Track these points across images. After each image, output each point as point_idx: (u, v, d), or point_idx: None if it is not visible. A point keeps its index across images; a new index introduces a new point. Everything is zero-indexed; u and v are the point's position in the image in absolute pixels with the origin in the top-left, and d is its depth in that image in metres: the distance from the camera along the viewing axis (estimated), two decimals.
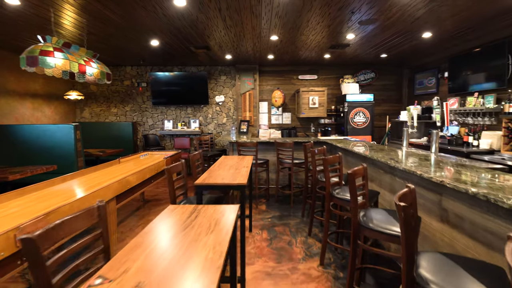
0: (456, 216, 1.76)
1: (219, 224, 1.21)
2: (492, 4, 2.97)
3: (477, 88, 4.46)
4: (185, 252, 0.98)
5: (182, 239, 1.09)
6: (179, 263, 0.89)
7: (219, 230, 1.14)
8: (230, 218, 1.28)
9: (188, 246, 1.02)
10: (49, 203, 2.12)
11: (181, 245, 1.03)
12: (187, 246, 1.02)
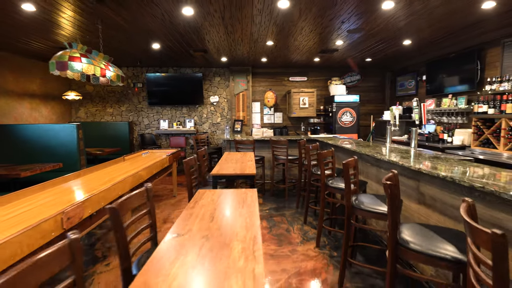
0: (431, 198, 2.14)
1: (246, 201, 1.51)
2: (462, 18, 3.41)
3: (451, 90, 4.96)
4: (229, 217, 1.27)
5: (222, 210, 1.37)
6: (228, 223, 1.18)
7: (248, 205, 1.44)
8: (253, 197, 1.59)
9: (230, 214, 1.31)
10: (75, 195, 2.35)
11: (223, 214, 1.32)
12: (229, 214, 1.31)
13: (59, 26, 3.64)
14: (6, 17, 3.23)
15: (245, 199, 1.55)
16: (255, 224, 1.20)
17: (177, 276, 0.82)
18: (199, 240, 1.02)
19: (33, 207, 2.02)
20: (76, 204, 1.93)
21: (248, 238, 1.06)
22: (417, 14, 3.29)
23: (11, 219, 1.79)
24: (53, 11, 3.07)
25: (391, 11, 3.19)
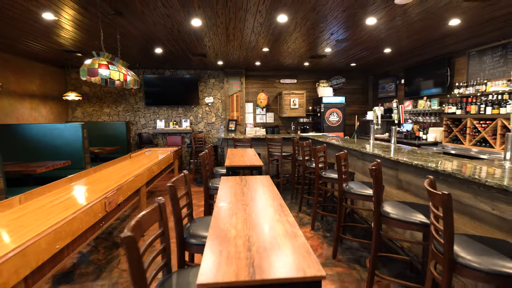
0: (407, 183, 2.62)
1: (263, 182, 1.90)
2: (434, 31, 3.96)
3: (426, 93, 5.56)
4: (256, 193, 1.65)
5: (248, 189, 1.75)
6: (256, 196, 1.56)
7: (267, 185, 1.82)
8: (268, 180, 1.98)
9: (256, 191, 1.69)
10: (106, 184, 2.65)
11: (250, 191, 1.70)
12: (255, 191, 1.69)
13: (68, 31, 3.88)
14: (25, 24, 3.45)
15: (262, 181, 1.94)
16: (278, 196, 1.59)
17: (237, 224, 1.20)
18: (241, 206, 1.40)
19: (71, 196, 2.32)
20: (113, 191, 2.25)
21: (276, 204, 1.45)
22: (396, 28, 3.80)
23: (60, 204, 2.10)
24: (72, 20, 3.33)
25: (374, 25, 3.68)
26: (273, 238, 1.06)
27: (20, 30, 3.73)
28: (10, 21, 3.35)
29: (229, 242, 1.03)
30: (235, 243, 1.02)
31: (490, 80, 4.16)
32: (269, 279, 0.81)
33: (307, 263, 0.88)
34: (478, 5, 2.98)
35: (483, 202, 1.79)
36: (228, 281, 0.80)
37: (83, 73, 2.62)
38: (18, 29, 3.67)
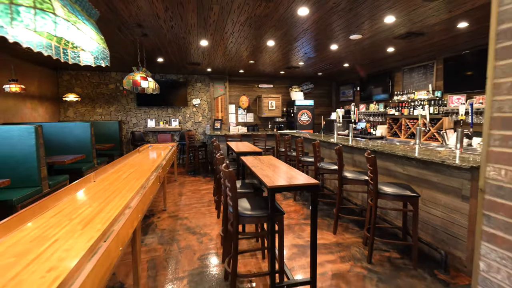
0: (359, 162, 3.89)
1: (272, 158, 2.98)
2: (380, 53, 5.35)
3: (376, 98, 7.08)
4: (271, 161, 2.71)
5: (264, 161, 2.81)
6: (269, 163, 2.63)
7: (275, 159, 2.91)
8: (274, 157, 3.07)
9: (270, 161, 2.76)
10: (147, 167, 3.51)
11: (267, 161, 2.76)
12: (270, 161, 2.75)
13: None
14: None
15: (270, 157, 3.02)
16: (284, 164, 2.67)
17: (264, 170, 2.26)
18: (265, 166, 2.46)
19: (131, 173, 3.18)
20: (158, 169, 3.18)
21: (285, 165, 2.54)
22: (352, 51, 5.13)
23: (128, 176, 2.97)
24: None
25: (336, 49, 4.97)
26: (293, 175, 2.14)
27: None
28: None
29: (273, 174, 2.09)
30: (275, 173, 2.08)
31: (417, 90, 5.71)
32: (298, 184, 1.91)
33: (309, 180, 1.99)
34: (403, 41, 4.38)
35: (399, 167, 3.07)
36: (282, 185, 1.88)
37: (128, 84, 3.47)
38: None
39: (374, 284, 2.20)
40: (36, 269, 1.12)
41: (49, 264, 1.16)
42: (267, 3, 2.88)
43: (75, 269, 1.13)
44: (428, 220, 2.65)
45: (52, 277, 1.06)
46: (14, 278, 1.06)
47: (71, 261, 1.18)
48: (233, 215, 1.95)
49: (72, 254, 1.25)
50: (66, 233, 1.49)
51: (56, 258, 1.21)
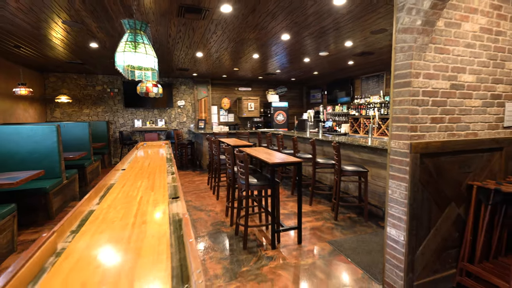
0: (328, 152, 4.95)
1: (267, 150, 3.88)
2: (342, 64, 6.50)
3: (341, 101, 8.30)
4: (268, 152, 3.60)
5: (263, 152, 3.68)
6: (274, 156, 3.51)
7: (270, 151, 3.81)
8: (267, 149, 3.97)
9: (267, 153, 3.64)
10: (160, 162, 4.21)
11: (264, 152, 3.64)
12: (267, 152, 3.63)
13: (70, 47, 5.15)
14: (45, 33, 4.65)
15: (262, 148, 3.92)
16: (274, 152, 3.58)
17: (263, 155, 3.15)
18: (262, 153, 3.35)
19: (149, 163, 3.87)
20: (173, 160, 3.92)
21: (276, 153, 3.46)
22: (321, 63, 6.22)
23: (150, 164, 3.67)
24: (113, 48, 4.70)
25: (308, 61, 6.02)
26: (284, 157, 3.04)
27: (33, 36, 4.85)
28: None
29: (270, 157, 2.98)
30: (271, 156, 2.98)
31: (372, 95, 6.98)
32: (289, 161, 2.83)
33: (296, 160, 2.91)
34: (359, 57, 5.54)
35: (355, 153, 4.15)
36: (279, 162, 2.78)
37: (142, 89, 4.15)
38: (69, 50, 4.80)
39: (339, 231, 3.21)
40: (146, 205, 1.91)
41: (153, 202, 1.95)
42: (260, 31, 3.78)
43: (168, 203, 1.94)
44: (375, 189, 3.73)
45: (162, 207, 1.86)
46: (139, 208, 1.85)
47: (164, 201, 1.98)
48: (245, 184, 2.83)
49: (160, 198, 2.04)
50: (144, 193, 2.25)
51: (152, 200, 2.00)
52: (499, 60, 2.13)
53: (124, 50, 1.78)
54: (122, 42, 1.85)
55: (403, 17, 1.83)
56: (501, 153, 2.22)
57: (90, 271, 1.10)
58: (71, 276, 1.07)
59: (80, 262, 1.18)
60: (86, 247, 1.32)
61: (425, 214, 1.98)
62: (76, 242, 1.39)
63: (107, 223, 1.64)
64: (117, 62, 1.89)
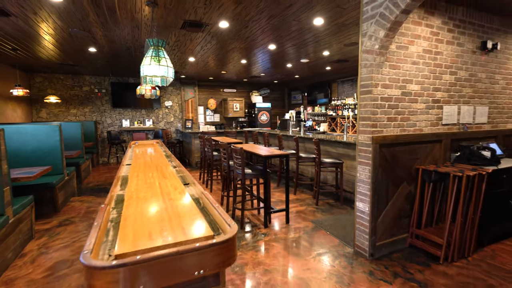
0: (309, 148, 5.57)
1: (258, 146, 4.39)
2: (321, 69, 7.17)
3: (320, 102, 9.01)
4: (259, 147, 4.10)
5: (254, 147, 4.19)
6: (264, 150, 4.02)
7: (260, 146, 4.32)
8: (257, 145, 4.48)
9: (257, 148, 4.14)
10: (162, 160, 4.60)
11: (255, 148, 4.13)
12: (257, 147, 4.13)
13: (66, 51, 5.41)
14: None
15: (252, 144, 4.43)
16: (264, 147, 4.10)
17: (255, 149, 3.65)
18: (254, 148, 3.84)
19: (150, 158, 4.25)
20: (172, 156, 4.33)
21: (265, 147, 3.98)
22: (302, 68, 6.84)
23: (152, 160, 4.06)
24: (112, 52, 5.00)
25: (290, 66, 6.61)
26: (274, 150, 3.57)
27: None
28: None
29: (261, 151, 3.50)
30: (262, 150, 3.50)
31: (347, 97, 7.72)
32: (278, 154, 3.37)
33: (284, 152, 3.46)
34: (336, 64, 6.22)
35: (332, 148, 4.78)
36: (270, 154, 3.31)
37: (141, 92, 4.51)
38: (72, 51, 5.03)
39: (320, 213, 3.80)
40: (167, 188, 2.37)
41: (171, 186, 2.41)
42: (250, 41, 4.30)
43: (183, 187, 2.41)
44: (349, 179, 4.38)
45: (180, 189, 2.33)
46: (162, 190, 2.30)
47: (179, 185, 2.44)
48: (242, 174, 3.34)
49: (175, 184, 2.50)
50: (160, 181, 2.69)
51: (170, 184, 2.46)
52: (437, 73, 2.80)
53: (150, 63, 2.22)
54: (148, 57, 2.28)
55: (366, 41, 2.43)
56: (441, 144, 2.90)
57: (149, 225, 1.57)
58: (136, 228, 1.54)
59: (137, 220, 1.64)
60: (137, 213, 1.78)
61: (384, 191, 2.60)
62: (126, 210, 1.84)
63: (142, 200, 2.10)
64: (144, 73, 2.31)
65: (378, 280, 2.24)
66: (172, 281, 1.21)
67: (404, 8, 2.13)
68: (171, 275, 1.20)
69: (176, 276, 1.21)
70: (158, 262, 1.18)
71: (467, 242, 2.59)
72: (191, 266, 1.24)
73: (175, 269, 1.20)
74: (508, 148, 3.47)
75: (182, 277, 1.22)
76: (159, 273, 1.18)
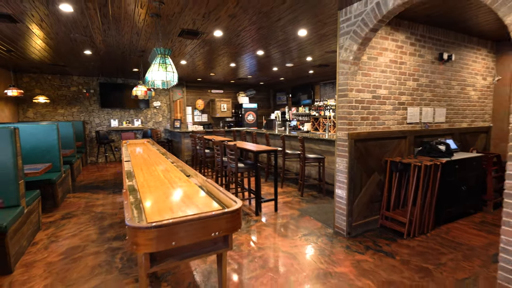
0: (294, 145, 6.02)
1: (247, 143, 4.76)
2: (304, 73, 7.65)
3: (304, 103, 9.51)
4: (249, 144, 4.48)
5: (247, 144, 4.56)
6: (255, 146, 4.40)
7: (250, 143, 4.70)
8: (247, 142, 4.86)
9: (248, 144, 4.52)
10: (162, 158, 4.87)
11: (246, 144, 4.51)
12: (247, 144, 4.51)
13: (61, 53, 5.58)
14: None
15: (242, 142, 4.80)
16: (253, 143, 4.48)
17: (246, 146, 4.03)
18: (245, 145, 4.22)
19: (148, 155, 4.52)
20: (168, 153, 4.62)
21: (254, 144, 4.36)
22: (287, 71, 7.29)
23: (149, 156, 4.34)
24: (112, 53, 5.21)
25: (276, 70, 7.05)
26: (264, 147, 3.96)
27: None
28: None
29: (253, 147, 3.88)
30: (253, 146, 3.88)
31: (329, 98, 8.27)
32: (268, 149, 3.77)
33: (272, 148, 3.86)
34: (318, 68, 6.72)
35: (316, 145, 5.25)
36: (261, 149, 3.70)
37: (137, 93, 4.77)
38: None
39: (305, 203, 4.24)
40: (173, 178, 2.70)
41: (176, 177, 2.74)
42: (240, 48, 4.68)
43: (188, 180, 2.76)
44: (331, 172, 4.85)
45: (184, 179, 2.67)
46: (169, 180, 2.64)
47: (183, 176, 2.78)
48: (235, 168, 3.71)
49: (179, 175, 2.84)
50: (163, 173, 3.01)
51: (174, 176, 2.79)
52: (402, 80, 3.31)
53: (159, 70, 2.55)
54: (156, 64, 2.61)
55: (342, 53, 2.89)
56: (406, 140, 3.41)
57: (167, 204, 1.92)
58: (158, 206, 1.89)
59: (157, 201, 1.99)
60: (153, 196, 2.12)
61: (359, 179, 3.06)
62: (143, 195, 2.18)
63: (153, 187, 2.43)
64: (153, 78, 2.64)
65: (353, 252, 2.69)
66: (196, 239, 1.58)
67: (372, 27, 2.59)
68: (195, 235, 1.57)
69: (199, 235, 1.58)
70: (185, 225, 1.55)
71: (426, 221, 3.11)
72: (209, 228, 1.61)
73: (198, 230, 1.58)
74: (462, 144, 4.07)
75: (203, 236, 1.60)
76: (186, 233, 1.55)
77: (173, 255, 1.67)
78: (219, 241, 1.83)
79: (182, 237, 1.52)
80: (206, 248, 1.78)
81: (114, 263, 2.53)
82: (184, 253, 1.70)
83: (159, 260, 1.63)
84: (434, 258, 2.58)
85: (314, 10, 3.10)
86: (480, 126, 4.32)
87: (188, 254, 1.71)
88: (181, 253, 1.70)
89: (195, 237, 1.56)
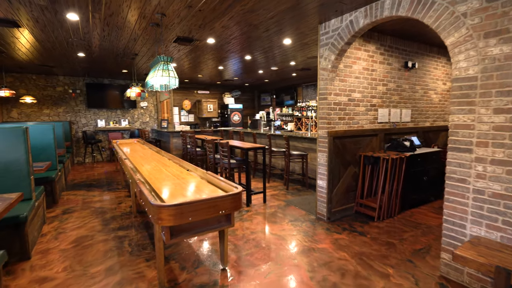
0: (279, 143, 6.46)
1: (236, 141, 5.13)
2: (286, 76, 8.12)
3: (287, 104, 10.00)
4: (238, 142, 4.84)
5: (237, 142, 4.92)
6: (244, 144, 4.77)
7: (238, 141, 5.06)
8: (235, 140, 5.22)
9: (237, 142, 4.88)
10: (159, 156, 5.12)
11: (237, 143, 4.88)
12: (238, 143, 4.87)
13: (53, 55, 5.73)
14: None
15: (231, 140, 5.17)
16: (241, 142, 4.86)
17: (235, 143, 4.41)
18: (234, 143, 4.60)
19: (144, 153, 4.78)
20: (162, 151, 4.92)
21: (242, 142, 4.75)
22: (271, 74, 7.73)
23: (146, 153, 4.61)
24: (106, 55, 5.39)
25: (262, 72, 7.47)
26: (253, 144, 4.35)
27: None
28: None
29: (242, 145, 4.26)
30: (242, 144, 4.26)
31: (310, 99, 8.81)
32: (257, 146, 4.17)
33: (261, 145, 4.27)
34: (301, 71, 7.21)
35: (299, 143, 5.72)
36: (250, 147, 4.10)
37: (130, 94, 5.00)
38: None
39: (290, 195, 4.68)
40: (175, 172, 3.04)
41: (177, 171, 3.08)
42: (230, 53, 5.05)
43: (189, 173, 3.10)
44: (313, 168, 5.34)
45: (186, 172, 3.02)
46: (173, 174, 2.97)
47: (183, 170, 3.12)
48: (228, 164, 4.08)
49: (179, 169, 3.18)
50: (165, 168, 3.33)
51: (175, 170, 3.13)
52: (373, 85, 3.82)
53: (162, 75, 2.87)
54: (159, 69, 2.93)
55: (322, 62, 3.34)
56: (377, 137, 3.94)
57: (178, 191, 2.28)
58: (171, 193, 2.24)
59: (168, 189, 2.34)
60: (163, 185, 2.47)
61: (337, 171, 3.54)
62: (154, 185, 2.52)
63: (161, 179, 2.77)
64: (156, 83, 2.95)
65: (332, 233, 3.15)
66: (207, 215, 1.96)
67: (346, 41, 3.06)
68: (206, 212, 1.96)
69: (210, 212, 1.96)
70: (198, 204, 1.92)
71: (393, 207, 3.64)
72: (218, 207, 2.00)
73: (209, 209, 1.96)
74: (426, 140, 4.68)
75: (213, 214, 1.98)
76: (199, 211, 1.93)
77: (186, 231, 2.04)
78: (222, 220, 2.22)
79: (197, 214, 1.89)
80: (213, 226, 2.15)
81: (124, 248, 2.84)
82: (195, 230, 2.08)
83: (175, 235, 1.99)
84: (398, 235, 3.09)
85: (297, 24, 3.53)
86: (441, 125, 4.96)
87: (198, 230, 2.08)
88: (193, 229, 2.07)
89: (206, 214, 1.93)
